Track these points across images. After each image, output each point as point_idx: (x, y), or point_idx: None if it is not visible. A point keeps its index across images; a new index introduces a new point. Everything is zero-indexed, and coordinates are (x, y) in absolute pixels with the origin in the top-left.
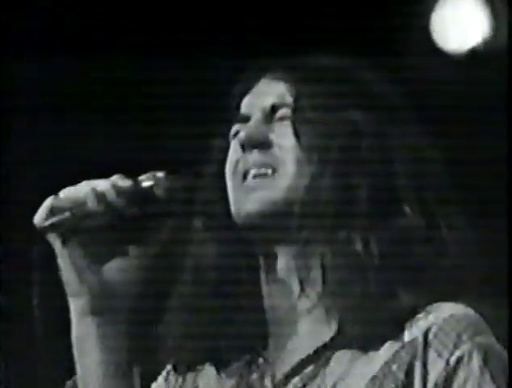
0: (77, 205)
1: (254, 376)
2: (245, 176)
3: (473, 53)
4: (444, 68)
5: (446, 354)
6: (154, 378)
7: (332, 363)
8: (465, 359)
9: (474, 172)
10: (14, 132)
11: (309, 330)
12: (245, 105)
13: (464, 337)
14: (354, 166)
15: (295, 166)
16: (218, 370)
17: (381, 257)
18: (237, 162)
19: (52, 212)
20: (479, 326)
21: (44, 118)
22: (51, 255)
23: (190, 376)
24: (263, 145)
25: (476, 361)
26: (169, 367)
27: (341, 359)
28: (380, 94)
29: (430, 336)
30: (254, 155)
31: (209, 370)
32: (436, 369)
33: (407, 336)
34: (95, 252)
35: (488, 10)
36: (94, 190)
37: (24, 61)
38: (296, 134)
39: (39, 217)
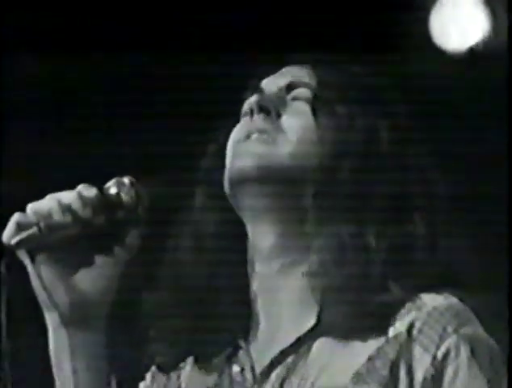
0: (44, 219)
1: (235, 369)
2: (248, 137)
3: (472, 52)
4: (444, 67)
5: (432, 349)
6: (134, 385)
7: (313, 352)
8: (452, 353)
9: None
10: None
11: (289, 320)
12: (263, 83)
13: (449, 329)
14: (370, 172)
15: (301, 136)
16: (199, 366)
17: (370, 250)
18: (242, 126)
19: (20, 227)
20: (463, 316)
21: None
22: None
23: (173, 374)
24: (272, 112)
25: (464, 354)
26: (153, 368)
27: (322, 348)
28: (393, 101)
29: (415, 331)
30: (260, 120)
31: (191, 367)
32: (423, 365)
33: (391, 331)
34: (65, 265)
35: (487, 9)
36: (59, 202)
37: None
38: (314, 113)
39: (6, 234)
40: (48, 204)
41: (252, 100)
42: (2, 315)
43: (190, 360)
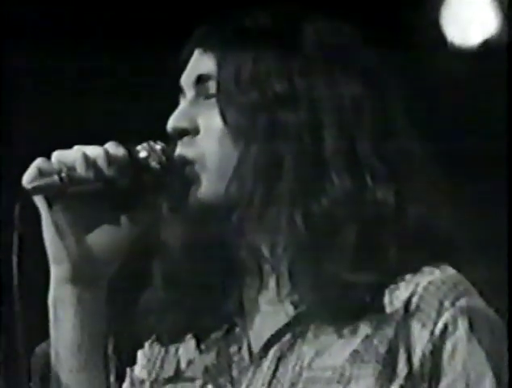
0: (67, 169)
1: (233, 348)
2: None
3: (476, 48)
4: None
5: (429, 324)
6: (131, 350)
7: (310, 333)
8: (450, 327)
9: None
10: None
11: (280, 305)
12: (182, 81)
13: (446, 303)
14: (280, 140)
15: (222, 153)
16: (198, 342)
17: (312, 233)
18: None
19: (41, 173)
20: (461, 288)
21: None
22: (35, 215)
23: (172, 347)
24: (190, 131)
25: (462, 328)
26: (153, 337)
27: (319, 329)
28: (313, 54)
29: (412, 307)
30: (181, 147)
31: (189, 342)
32: (421, 341)
33: (388, 308)
34: (80, 219)
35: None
36: (84, 155)
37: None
38: (222, 111)
39: (27, 178)
40: (74, 155)
41: (167, 128)
42: (14, 257)
43: (189, 335)
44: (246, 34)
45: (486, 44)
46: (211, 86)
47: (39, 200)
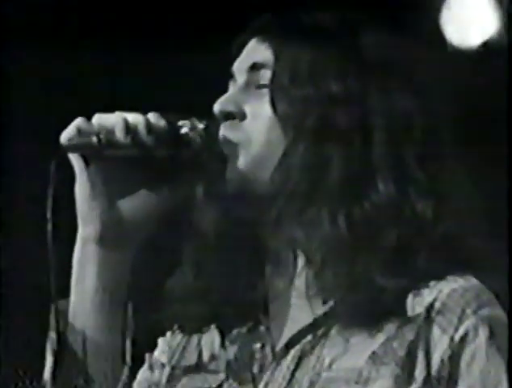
0: (106, 132)
1: (256, 345)
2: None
3: (476, 49)
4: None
5: (450, 330)
6: (154, 326)
7: (332, 335)
8: (471, 334)
9: None
10: None
11: (306, 301)
12: (235, 68)
13: (468, 311)
14: (329, 140)
15: (268, 141)
16: (222, 335)
17: (352, 235)
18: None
19: (80, 133)
20: (483, 297)
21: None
22: (69, 174)
23: (194, 337)
24: (236, 116)
25: (482, 336)
26: (175, 326)
27: (340, 332)
28: (369, 60)
29: (434, 312)
30: (226, 130)
31: (213, 334)
32: (441, 347)
33: (410, 312)
34: (115, 182)
35: (492, 6)
36: (124, 120)
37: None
38: (273, 102)
39: (65, 135)
40: (114, 119)
41: (214, 109)
42: (49, 213)
43: (212, 327)
44: (306, 29)
45: (486, 45)
46: (264, 76)
47: (75, 159)
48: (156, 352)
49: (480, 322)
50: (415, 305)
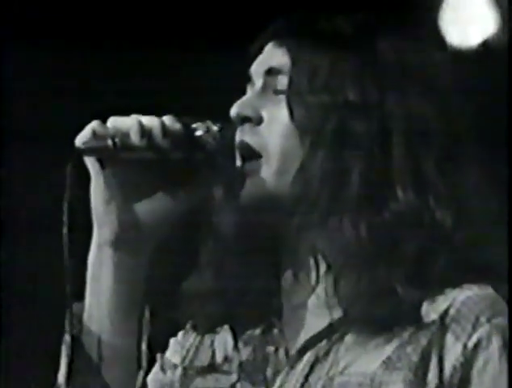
0: (121, 135)
1: (270, 348)
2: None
3: (476, 49)
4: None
5: (464, 338)
6: (168, 326)
7: (346, 341)
8: (484, 342)
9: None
10: None
11: (321, 306)
12: (252, 70)
13: (483, 319)
14: (348, 149)
15: (284, 148)
16: (235, 337)
17: (373, 244)
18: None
19: (95, 136)
20: (497, 306)
21: None
22: (84, 177)
23: (207, 337)
24: (253, 120)
25: (495, 345)
26: (188, 325)
27: (355, 338)
28: (388, 67)
29: (448, 319)
30: (243, 134)
31: (226, 335)
32: (454, 354)
33: (424, 318)
34: (130, 185)
35: (492, 6)
36: (140, 123)
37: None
38: (290, 108)
39: (80, 138)
40: (130, 122)
41: (231, 112)
42: (65, 216)
43: (225, 327)
44: (325, 36)
45: (486, 45)
46: (281, 81)
47: (90, 162)
48: (167, 353)
49: (493, 330)
50: (430, 311)
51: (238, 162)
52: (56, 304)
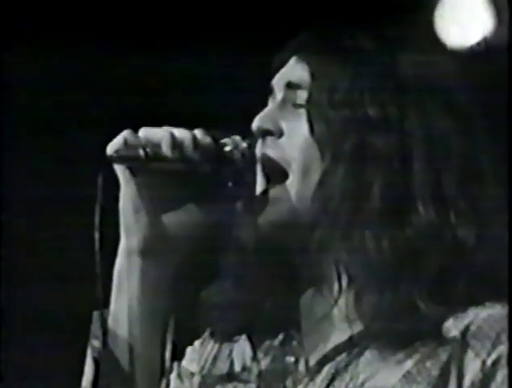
0: (153, 146)
1: (289, 358)
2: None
3: (474, 49)
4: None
5: (483, 354)
6: (188, 335)
7: (366, 355)
8: (503, 360)
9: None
10: None
11: (342, 320)
12: (274, 83)
13: (503, 337)
14: (369, 164)
15: (305, 162)
16: (253, 347)
17: (395, 258)
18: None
19: (127, 145)
20: None
21: None
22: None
23: (225, 346)
24: (274, 133)
25: None
26: (206, 334)
27: (375, 352)
28: (406, 82)
29: (469, 336)
30: (265, 147)
31: (245, 344)
32: (473, 370)
33: (445, 333)
34: (160, 196)
35: (489, 6)
36: (171, 135)
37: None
38: (310, 122)
39: (112, 146)
40: (162, 133)
41: (253, 126)
42: (96, 223)
43: (243, 337)
44: (345, 51)
45: (484, 45)
46: (301, 96)
47: (121, 171)
48: (184, 362)
49: None
50: (451, 327)
51: (260, 179)
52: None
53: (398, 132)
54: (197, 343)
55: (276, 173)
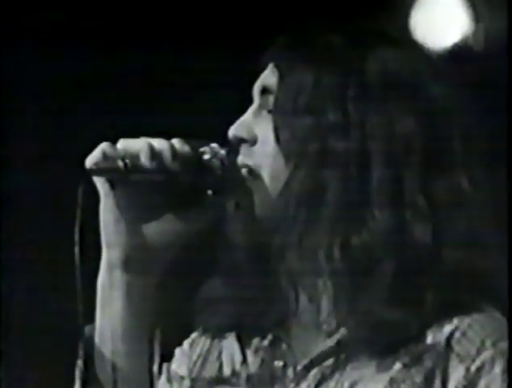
0: (131, 157)
1: (277, 364)
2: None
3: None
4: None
5: (468, 361)
6: (176, 343)
7: (352, 360)
8: (487, 366)
9: None
10: None
11: (328, 326)
12: (254, 91)
13: (488, 343)
14: (326, 169)
15: (273, 169)
16: (242, 348)
17: (346, 264)
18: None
19: (105, 157)
20: (503, 331)
21: None
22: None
23: (215, 347)
24: (248, 141)
25: (499, 369)
26: (194, 335)
27: (361, 358)
28: (372, 83)
29: (453, 341)
30: (243, 155)
31: (234, 346)
32: (457, 376)
33: (429, 340)
34: (140, 207)
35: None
36: (150, 145)
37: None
38: (275, 128)
39: (91, 159)
40: (140, 144)
41: (228, 135)
42: (77, 237)
43: (233, 336)
44: (312, 54)
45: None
46: (271, 101)
47: (100, 183)
48: (173, 364)
49: (498, 355)
50: (436, 333)
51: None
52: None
53: (358, 134)
54: (186, 343)
55: (254, 180)
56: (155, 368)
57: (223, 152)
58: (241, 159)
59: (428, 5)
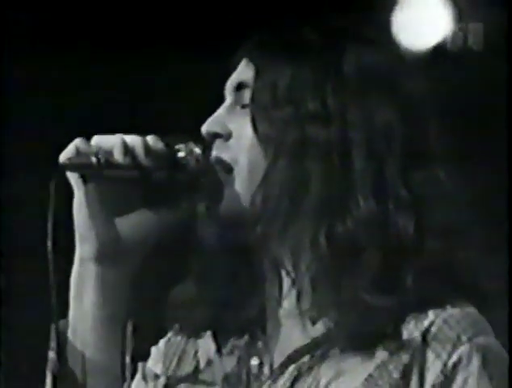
0: (104, 153)
1: (254, 361)
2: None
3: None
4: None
5: (444, 356)
6: (150, 340)
7: (329, 358)
8: (464, 361)
9: None
10: None
11: (297, 321)
12: (226, 88)
13: (464, 338)
14: (308, 159)
15: (250, 161)
16: (219, 346)
17: (333, 253)
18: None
19: (78, 153)
20: (479, 326)
21: None
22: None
23: (191, 346)
24: (222, 136)
25: (475, 363)
26: (170, 333)
27: (337, 354)
28: (350, 74)
29: (429, 337)
30: (217, 150)
31: (210, 344)
32: (434, 371)
33: (405, 335)
34: (113, 202)
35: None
36: (123, 141)
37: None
38: (253, 121)
39: (64, 154)
40: (113, 140)
41: (202, 130)
42: (49, 232)
43: (208, 334)
44: (288, 48)
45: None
46: (247, 95)
47: (73, 178)
48: (149, 362)
49: (474, 349)
50: (412, 328)
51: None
52: (42, 320)
53: (339, 123)
54: (162, 342)
55: (229, 174)
56: (127, 359)
57: (198, 150)
58: (215, 153)
59: (409, 4)
